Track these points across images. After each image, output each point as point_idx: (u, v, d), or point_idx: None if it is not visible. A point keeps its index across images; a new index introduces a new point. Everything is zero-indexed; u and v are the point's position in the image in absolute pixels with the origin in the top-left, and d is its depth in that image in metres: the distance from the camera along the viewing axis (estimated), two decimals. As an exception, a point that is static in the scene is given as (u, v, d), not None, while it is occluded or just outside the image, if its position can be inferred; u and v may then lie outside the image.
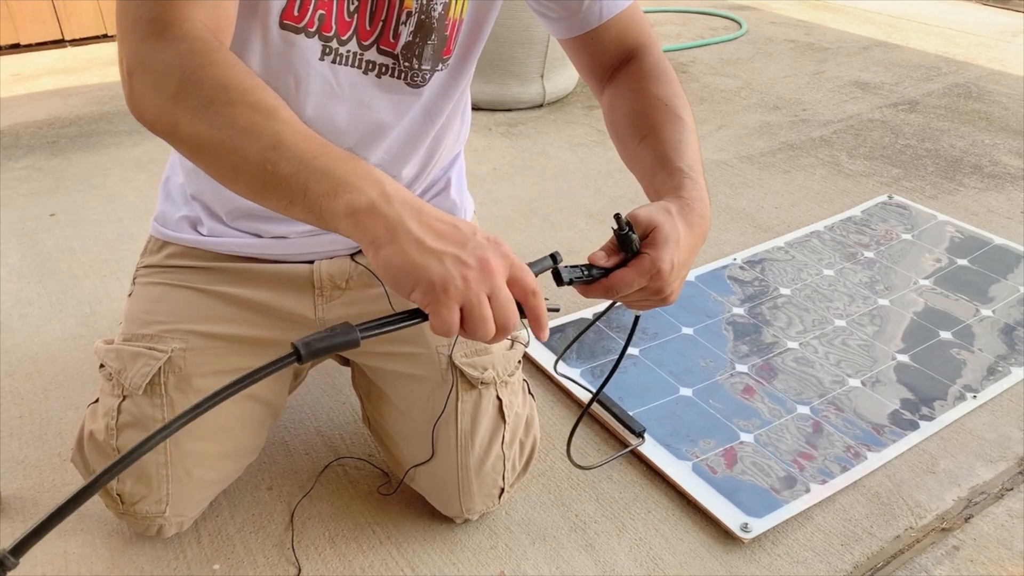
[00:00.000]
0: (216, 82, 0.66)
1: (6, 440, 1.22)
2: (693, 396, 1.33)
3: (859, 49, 3.23)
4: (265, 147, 0.64)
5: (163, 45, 0.67)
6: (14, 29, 2.95)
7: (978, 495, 1.16)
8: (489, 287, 0.62)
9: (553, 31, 0.99)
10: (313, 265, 1.01)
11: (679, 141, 0.86)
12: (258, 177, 0.64)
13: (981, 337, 1.49)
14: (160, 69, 0.67)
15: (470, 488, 1.01)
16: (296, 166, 0.63)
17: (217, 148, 0.66)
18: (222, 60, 0.67)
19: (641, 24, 0.97)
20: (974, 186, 2.10)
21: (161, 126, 0.68)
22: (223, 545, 1.06)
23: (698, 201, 0.81)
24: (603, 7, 0.93)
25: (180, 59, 0.66)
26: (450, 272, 0.60)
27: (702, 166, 0.87)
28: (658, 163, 0.86)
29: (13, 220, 1.84)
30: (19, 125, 2.35)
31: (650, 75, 0.93)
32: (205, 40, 0.68)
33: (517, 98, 2.54)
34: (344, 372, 1.32)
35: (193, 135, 0.66)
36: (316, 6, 0.81)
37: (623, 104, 0.93)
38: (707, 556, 1.06)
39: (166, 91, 0.66)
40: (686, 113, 0.90)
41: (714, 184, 2.11)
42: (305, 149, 0.64)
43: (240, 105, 0.65)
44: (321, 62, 0.85)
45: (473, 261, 0.61)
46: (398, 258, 0.61)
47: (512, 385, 1.03)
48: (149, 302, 1.00)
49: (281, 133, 0.64)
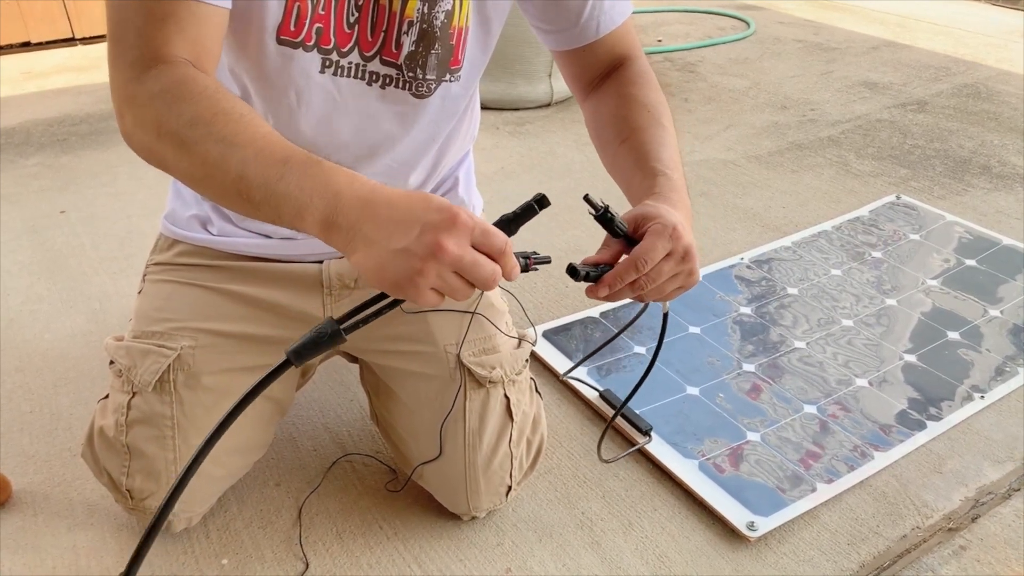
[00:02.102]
0: (184, 120, 0.69)
1: (17, 435, 1.23)
2: (700, 395, 1.34)
3: (867, 49, 3.23)
4: (235, 179, 0.67)
5: (143, 88, 0.71)
6: (25, 27, 2.97)
7: (985, 495, 1.16)
8: (450, 265, 0.63)
9: (547, 43, 0.99)
10: (322, 265, 1.01)
11: (659, 144, 0.88)
12: (242, 203, 0.69)
13: (989, 337, 1.49)
14: (141, 112, 0.71)
15: (477, 486, 1.02)
16: (263, 193, 0.67)
17: (201, 181, 0.70)
18: (191, 93, 0.70)
19: (631, 36, 0.98)
20: (983, 186, 2.10)
21: (153, 161, 0.73)
22: (231, 540, 1.06)
23: (675, 194, 0.82)
24: (600, 23, 0.94)
25: (154, 101, 0.70)
26: (410, 267, 0.63)
27: (682, 170, 0.87)
28: (636, 165, 0.87)
29: (24, 217, 1.85)
30: (30, 123, 2.37)
31: (635, 81, 0.94)
32: (180, 78, 0.71)
33: (524, 97, 2.54)
34: (352, 369, 1.33)
35: (179, 171, 0.72)
36: (312, 20, 0.81)
37: (606, 108, 0.94)
38: (713, 554, 1.07)
39: (149, 133, 0.71)
40: (667, 120, 0.91)
41: (722, 183, 2.11)
42: (267, 175, 0.67)
43: (208, 141, 0.68)
44: (322, 75, 0.85)
45: (423, 250, 0.62)
46: (364, 263, 0.65)
47: (520, 384, 1.03)
48: (159, 299, 1.00)
49: (245, 162, 0.67)
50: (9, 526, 1.07)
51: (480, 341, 1.01)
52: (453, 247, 0.63)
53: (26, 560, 1.03)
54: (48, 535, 1.06)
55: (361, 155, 0.92)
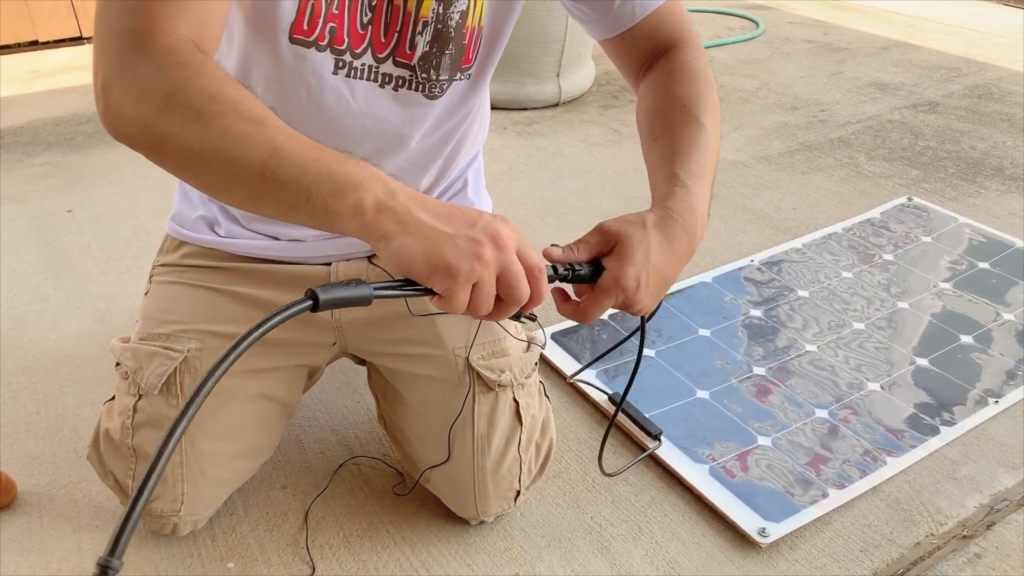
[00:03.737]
0: (204, 94, 0.65)
1: (22, 436, 1.22)
2: (710, 398, 1.32)
3: (878, 49, 3.21)
4: (263, 155, 0.64)
5: (145, 59, 0.66)
6: (32, 26, 2.97)
7: (1000, 502, 1.15)
8: (504, 261, 0.64)
9: (589, 32, 0.97)
10: (330, 267, 1.00)
11: (689, 145, 0.83)
12: (256, 184, 0.65)
13: (1002, 341, 1.47)
14: (143, 83, 0.65)
15: (486, 490, 1.01)
16: (296, 170, 0.63)
17: (211, 159, 0.65)
18: (208, 72, 0.66)
19: (678, 20, 0.93)
20: (995, 188, 2.08)
21: (144, 140, 0.67)
22: (237, 543, 1.06)
23: (686, 212, 0.78)
24: (635, 7, 0.90)
25: (164, 72, 0.65)
26: (465, 252, 0.63)
27: (712, 173, 0.83)
28: (660, 167, 0.84)
29: (30, 216, 1.85)
30: (37, 121, 2.37)
31: (675, 73, 0.90)
32: (189, 52, 0.67)
33: (533, 97, 2.53)
34: (359, 371, 1.32)
35: (182, 148, 0.66)
36: (326, 19, 0.80)
37: (645, 103, 0.91)
38: (724, 560, 1.05)
39: (150, 105, 0.65)
40: (707, 116, 0.86)
41: (731, 185, 2.09)
42: (303, 153, 0.64)
43: (231, 115, 0.64)
44: (335, 76, 0.84)
45: (485, 237, 0.64)
46: (411, 246, 0.63)
47: (529, 387, 1.02)
48: (165, 301, 1.00)
49: (276, 140, 0.64)
50: (14, 528, 1.07)
51: (489, 344, 1.00)
52: (512, 242, 0.65)
53: (31, 562, 1.02)
54: (53, 537, 1.05)
55: (371, 156, 0.91)
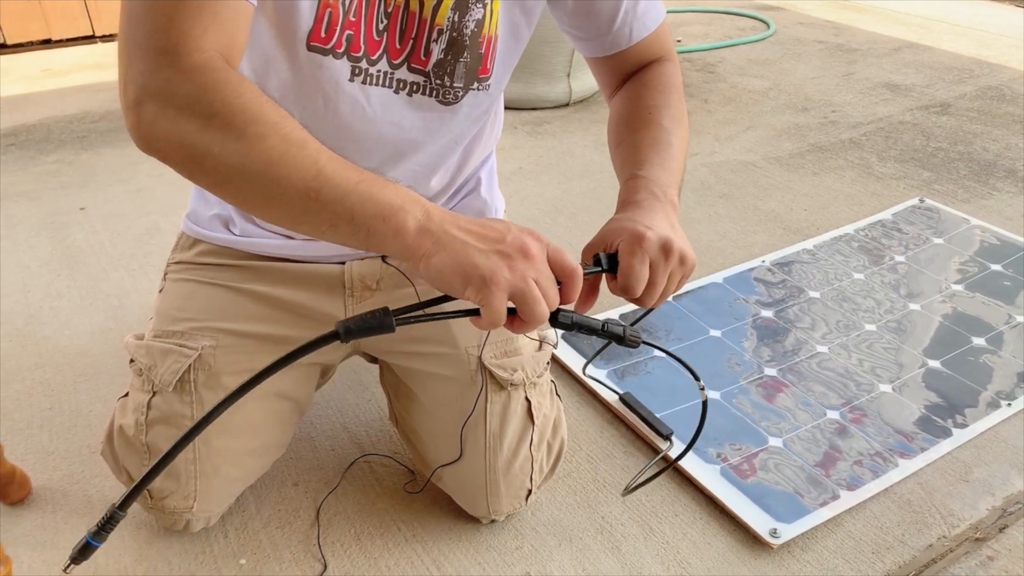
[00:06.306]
0: (247, 116, 0.67)
1: (36, 431, 1.23)
2: (720, 399, 1.32)
3: (889, 51, 3.20)
4: (307, 176, 0.66)
5: (181, 77, 0.66)
6: (45, 25, 2.98)
7: (1013, 504, 1.14)
8: (534, 271, 0.67)
9: (580, 49, 0.99)
10: (344, 266, 1.01)
11: (647, 146, 0.87)
12: (298, 204, 0.67)
13: (1013, 344, 1.47)
14: (181, 101, 0.66)
15: (497, 489, 1.01)
16: (340, 193, 0.67)
17: (253, 179, 0.67)
18: (246, 91, 0.68)
19: (665, 40, 0.97)
20: (1008, 190, 2.07)
21: (180, 156, 0.68)
22: (249, 540, 1.06)
23: (641, 192, 0.82)
24: (633, 29, 0.93)
25: (204, 93, 0.66)
26: (497, 264, 0.66)
27: (671, 166, 0.86)
28: (621, 170, 0.88)
29: (43, 214, 1.86)
30: (50, 119, 2.38)
31: (647, 83, 0.93)
32: (224, 70, 0.68)
33: (543, 97, 2.53)
34: (371, 369, 1.32)
35: (222, 166, 0.67)
36: (344, 27, 0.80)
37: (614, 111, 0.95)
38: (735, 561, 1.05)
39: (191, 124, 0.66)
40: (669, 120, 0.89)
41: (742, 185, 2.09)
42: (346, 176, 0.68)
43: (273, 137, 0.66)
44: (351, 83, 0.84)
45: (514, 251, 0.67)
46: (449, 261, 0.67)
47: (541, 386, 1.02)
48: (180, 299, 1.00)
49: (320, 162, 0.67)
50: (28, 523, 1.07)
51: (501, 343, 1.00)
52: (540, 253, 0.68)
53: (45, 557, 1.03)
54: (67, 532, 1.06)
55: (385, 160, 0.91)
